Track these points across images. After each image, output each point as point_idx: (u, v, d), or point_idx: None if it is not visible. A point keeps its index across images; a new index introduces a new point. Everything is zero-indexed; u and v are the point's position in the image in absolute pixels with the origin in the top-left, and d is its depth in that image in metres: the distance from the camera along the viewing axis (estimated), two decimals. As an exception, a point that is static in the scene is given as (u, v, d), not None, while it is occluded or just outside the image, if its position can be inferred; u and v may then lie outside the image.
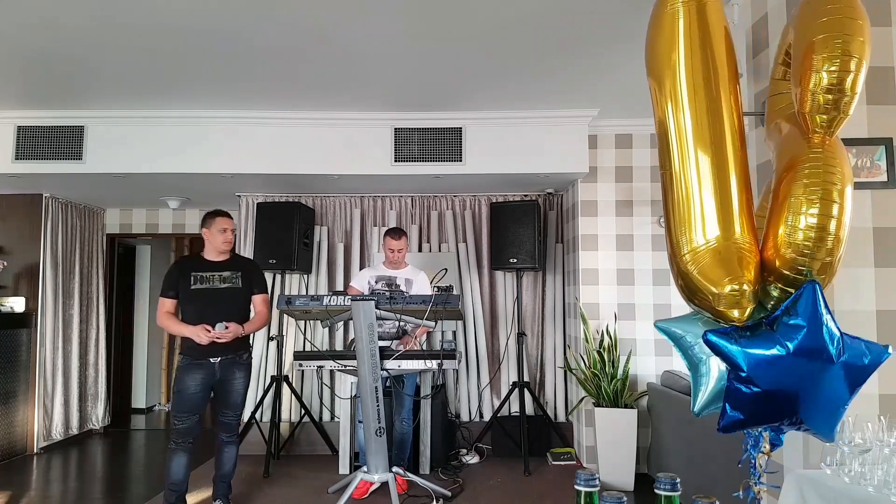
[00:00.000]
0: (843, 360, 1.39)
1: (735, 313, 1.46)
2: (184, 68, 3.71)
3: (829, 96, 1.46)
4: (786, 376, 1.40)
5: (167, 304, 3.51)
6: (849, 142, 2.34)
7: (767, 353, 1.40)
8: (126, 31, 3.20)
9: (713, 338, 1.45)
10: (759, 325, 1.45)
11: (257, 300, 3.68)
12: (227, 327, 3.38)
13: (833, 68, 1.45)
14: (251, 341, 5.20)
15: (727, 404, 1.45)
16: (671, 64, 1.60)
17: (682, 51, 1.59)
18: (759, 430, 1.53)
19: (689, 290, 1.54)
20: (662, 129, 1.65)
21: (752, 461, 1.54)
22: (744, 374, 1.40)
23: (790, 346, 1.39)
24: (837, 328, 1.39)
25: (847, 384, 1.41)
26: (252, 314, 3.70)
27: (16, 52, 3.47)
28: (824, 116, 1.48)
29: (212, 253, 3.59)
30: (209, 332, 3.34)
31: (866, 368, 1.41)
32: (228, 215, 3.63)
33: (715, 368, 1.55)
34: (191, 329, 3.37)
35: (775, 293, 1.50)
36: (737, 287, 1.43)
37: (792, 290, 1.45)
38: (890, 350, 1.44)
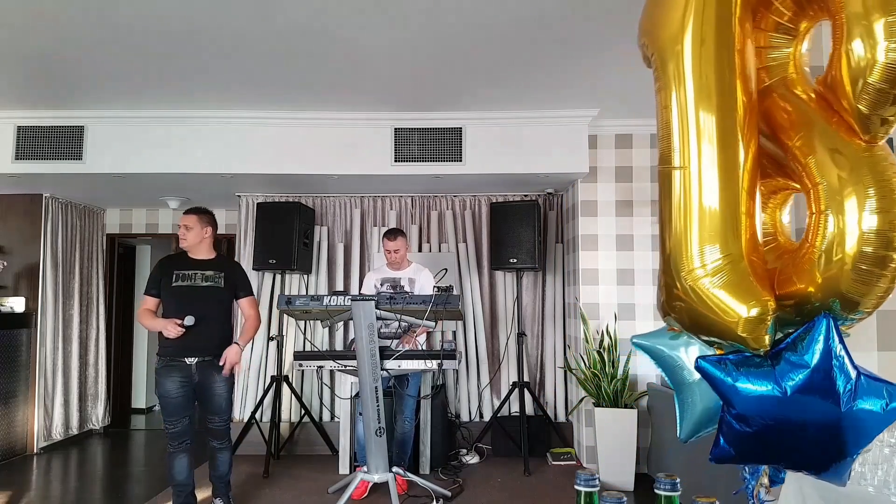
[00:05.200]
0: (854, 407, 1.19)
1: (759, 340, 1.24)
2: (184, 68, 3.71)
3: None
4: (780, 420, 1.22)
5: (148, 301, 3.50)
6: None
7: (760, 391, 1.23)
8: (126, 31, 3.20)
9: (705, 366, 1.28)
10: (752, 357, 1.28)
11: (244, 304, 3.62)
12: (194, 321, 3.31)
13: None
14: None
15: (721, 435, 1.30)
16: (676, 38, 1.30)
17: (692, 22, 1.26)
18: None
19: (693, 313, 1.28)
20: (663, 119, 1.34)
21: (750, 490, 1.44)
22: (734, 412, 1.26)
23: (788, 387, 1.21)
24: (854, 369, 1.20)
25: (856, 433, 1.21)
26: (242, 320, 3.67)
27: (16, 52, 3.47)
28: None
29: (195, 251, 3.55)
30: (178, 325, 3.30)
31: (882, 417, 1.20)
32: (194, 211, 3.54)
33: (701, 391, 1.37)
34: (161, 323, 3.35)
35: (791, 320, 1.28)
36: (762, 310, 1.22)
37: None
38: None
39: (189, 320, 3.30)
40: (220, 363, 3.40)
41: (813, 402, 1.21)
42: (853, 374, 1.21)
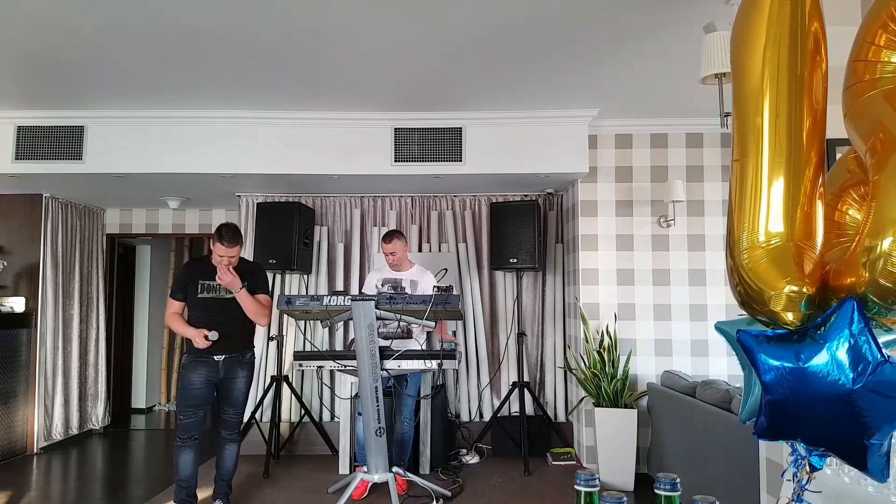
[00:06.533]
0: (867, 388, 1.24)
1: (790, 316, 1.35)
2: (184, 69, 3.71)
3: None
4: (795, 391, 1.32)
5: (175, 305, 3.62)
6: (846, 142, 2.34)
7: (779, 362, 1.33)
8: (126, 31, 3.20)
9: (742, 336, 1.39)
10: (789, 334, 1.38)
11: (259, 298, 3.69)
12: (218, 336, 3.47)
13: None
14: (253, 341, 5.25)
15: (759, 408, 1.41)
16: (754, 44, 1.49)
17: (769, 30, 1.47)
18: (801, 447, 1.44)
19: (743, 288, 1.45)
20: (739, 115, 1.55)
21: (795, 476, 1.48)
22: (760, 379, 1.37)
23: (804, 360, 1.30)
24: (880, 353, 1.25)
25: (872, 415, 1.25)
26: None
27: (16, 52, 3.47)
28: None
29: None
30: (206, 338, 3.46)
31: None
32: (234, 241, 3.50)
33: None
34: (192, 332, 3.50)
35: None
36: (795, 289, 1.33)
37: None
38: None
39: (213, 335, 3.47)
40: (221, 278, 3.48)
41: (824, 375, 1.28)
42: (876, 356, 1.25)
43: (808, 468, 1.42)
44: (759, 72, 1.49)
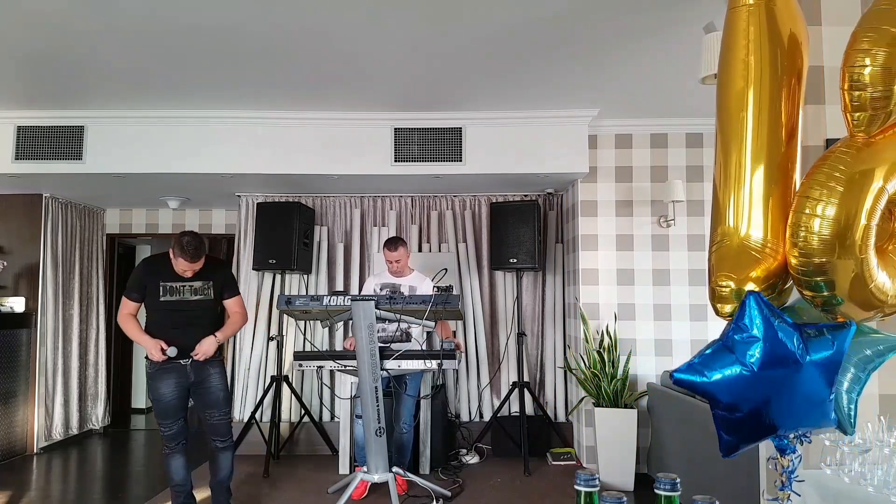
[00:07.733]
0: (811, 357, 1.37)
1: (725, 308, 1.48)
2: (184, 68, 3.71)
3: (857, 92, 1.38)
4: (762, 393, 1.38)
5: (130, 306, 3.38)
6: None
7: (732, 374, 1.39)
8: (126, 30, 3.20)
9: (679, 377, 1.43)
10: (719, 349, 1.44)
11: (230, 304, 3.51)
12: (177, 352, 3.27)
13: (860, 62, 1.37)
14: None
15: (720, 432, 1.43)
16: (734, 59, 1.58)
17: (746, 48, 1.57)
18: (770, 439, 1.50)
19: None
20: (719, 122, 1.66)
21: (775, 464, 1.50)
22: (722, 404, 1.40)
23: (751, 362, 1.37)
24: (793, 327, 1.39)
25: (825, 375, 1.39)
26: (227, 319, 3.55)
27: (16, 52, 3.47)
28: (857, 114, 1.40)
29: None
30: (163, 352, 3.25)
31: (835, 354, 1.38)
32: (197, 257, 3.26)
33: None
34: (149, 343, 3.27)
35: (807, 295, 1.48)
36: (725, 283, 1.45)
37: (809, 294, 1.44)
38: (854, 325, 1.40)
39: (172, 351, 3.27)
40: (198, 357, 3.33)
41: (779, 363, 1.37)
42: (794, 331, 1.39)
43: (778, 455, 1.47)
44: (736, 77, 1.54)
